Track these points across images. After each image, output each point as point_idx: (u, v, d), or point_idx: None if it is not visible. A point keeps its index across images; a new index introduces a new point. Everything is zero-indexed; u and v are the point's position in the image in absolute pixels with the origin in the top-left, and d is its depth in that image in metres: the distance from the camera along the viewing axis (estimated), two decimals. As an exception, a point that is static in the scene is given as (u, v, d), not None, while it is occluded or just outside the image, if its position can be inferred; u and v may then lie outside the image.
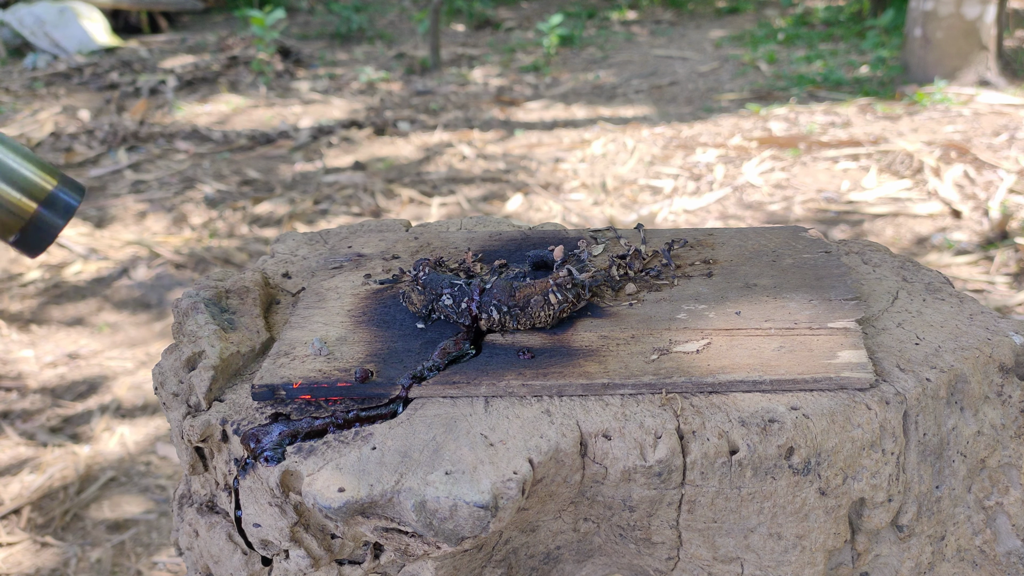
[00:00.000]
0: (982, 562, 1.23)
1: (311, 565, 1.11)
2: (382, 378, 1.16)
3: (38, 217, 1.03)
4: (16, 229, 1.03)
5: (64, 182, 1.05)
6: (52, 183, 1.04)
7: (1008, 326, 1.25)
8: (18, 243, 1.04)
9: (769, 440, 1.07)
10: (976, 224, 4.41)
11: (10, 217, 1.01)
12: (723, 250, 1.46)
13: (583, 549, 1.18)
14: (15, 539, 2.72)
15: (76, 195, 1.06)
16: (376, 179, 5.38)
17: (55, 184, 1.04)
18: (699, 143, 5.78)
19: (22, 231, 1.03)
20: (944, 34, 6.43)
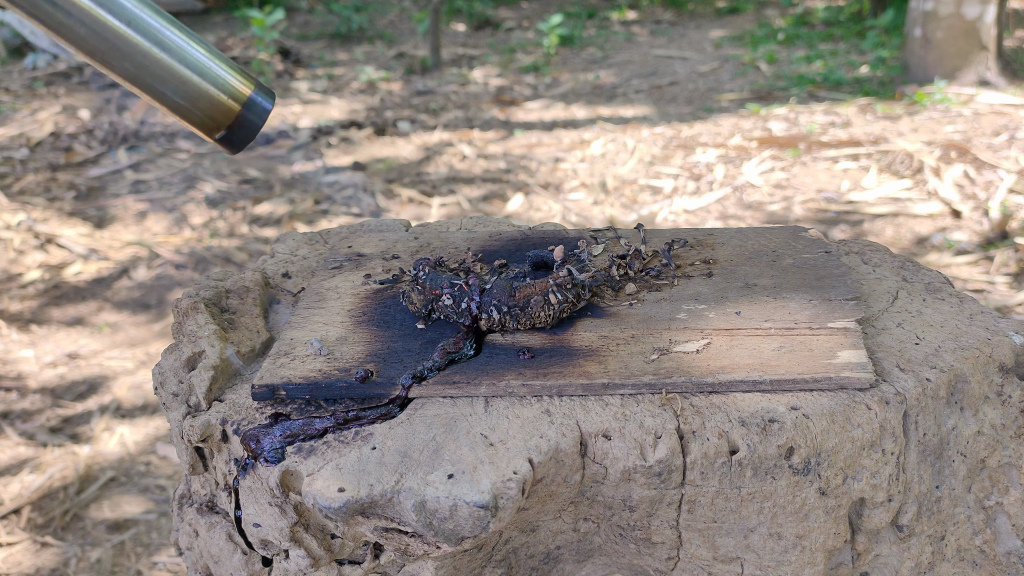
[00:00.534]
0: (982, 562, 1.23)
1: (311, 565, 1.11)
2: (382, 378, 1.16)
3: (241, 116, 1.16)
4: (224, 126, 1.16)
5: (259, 87, 1.19)
6: (250, 87, 1.17)
7: (1008, 326, 1.25)
8: (224, 139, 1.18)
9: (769, 440, 1.07)
10: (976, 224, 4.41)
11: (220, 115, 1.15)
12: (723, 250, 1.46)
13: (583, 549, 1.18)
14: (15, 539, 2.72)
15: (270, 99, 1.20)
16: (376, 179, 5.38)
17: (253, 88, 1.17)
18: (699, 143, 5.78)
19: (228, 128, 1.16)
20: (944, 34, 6.43)
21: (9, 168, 5.69)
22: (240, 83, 1.16)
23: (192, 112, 1.14)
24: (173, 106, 1.14)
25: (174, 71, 1.11)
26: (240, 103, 1.16)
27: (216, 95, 1.14)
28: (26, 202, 5.14)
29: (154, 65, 1.10)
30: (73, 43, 1.08)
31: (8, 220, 4.84)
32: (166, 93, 1.12)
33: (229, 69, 1.16)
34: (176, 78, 1.12)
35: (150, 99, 1.14)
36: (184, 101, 1.13)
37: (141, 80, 1.11)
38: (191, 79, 1.13)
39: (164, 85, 1.11)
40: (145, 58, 1.09)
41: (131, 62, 1.09)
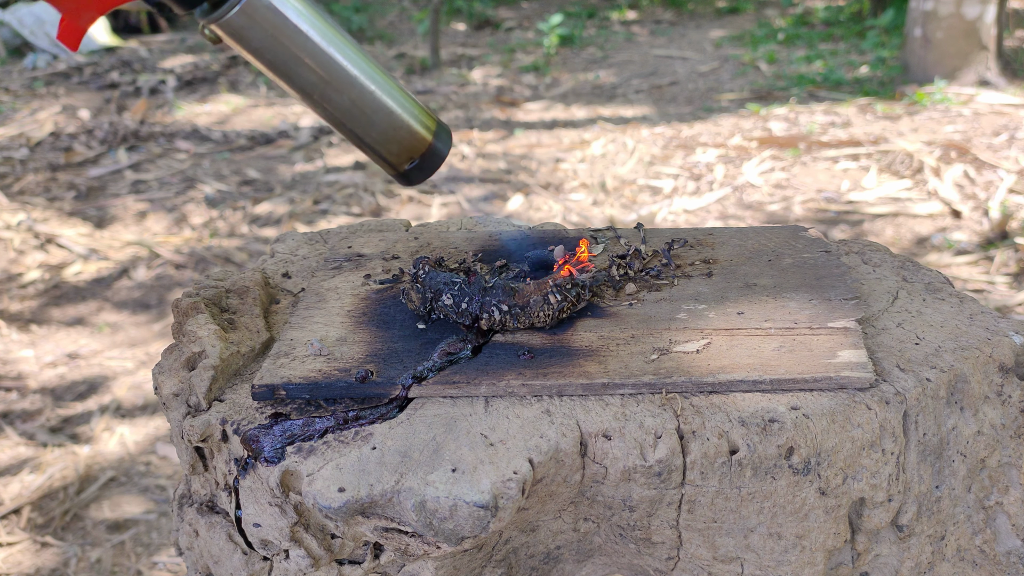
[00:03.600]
0: (982, 562, 1.23)
1: (311, 565, 1.11)
2: (382, 378, 1.16)
3: (433, 146, 1.24)
4: (417, 155, 1.23)
5: (439, 120, 1.26)
6: (434, 120, 1.26)
7: (1008, 326, 1.25)
8: (413, 169, 1.25)
9: (769, 440, 1.07)
10: (976, 224, 4.41)
11: (416, 144, 1.23)
12: (723, 250, 1.46)
13: (583, 549, 1.18)
14: (15, 539, 2.72)
15: (448, 131, 1.28)
16: (376, 179, 5.38)
17: (436, 121, 1.26)
18: (699, 143, 5.78)
19: (421, 157, 1.24)
20: (944, 34, 6.43)
21: (9, 168, 5.69)
22: (428, 116, 1.24)
23: (391, 144, 1.22)
24: (375, 139, 1.21)
25: (382, 105, 1.20)
26: (431, 133, 1.24)
27: (415, 127, 1.22)
28: (26, 202, 5.14)
29: (368, 100, 1.18)
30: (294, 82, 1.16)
31: (8, 220, 4.84)
32: (373, 126, 1.20)
33: (418, 103, 1.24)
34: (384, 112, 1.20)
35: (351, 134, 1.21)
36: (388, 133, 1.21)
37: (352, 115, 1.19)
38: (395, 112, 1.21)
39: (372, 119, 1.19)
40: (360, 94, 1.18)
41: (348, 97, 1.17)
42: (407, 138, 1.22)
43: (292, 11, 1.12)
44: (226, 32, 1.11)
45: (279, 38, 1.12)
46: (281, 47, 1.12)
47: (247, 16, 1.09)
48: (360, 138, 1.21)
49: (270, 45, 1.12)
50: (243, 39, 1.11)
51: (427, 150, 1.24)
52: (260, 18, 1.10)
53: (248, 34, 1.11)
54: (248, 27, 1.10)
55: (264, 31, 1.11)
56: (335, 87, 1.16)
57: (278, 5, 1.11)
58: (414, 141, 1.22)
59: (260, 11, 1.10)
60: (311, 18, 1.14)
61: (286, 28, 1.12)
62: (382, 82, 1.19)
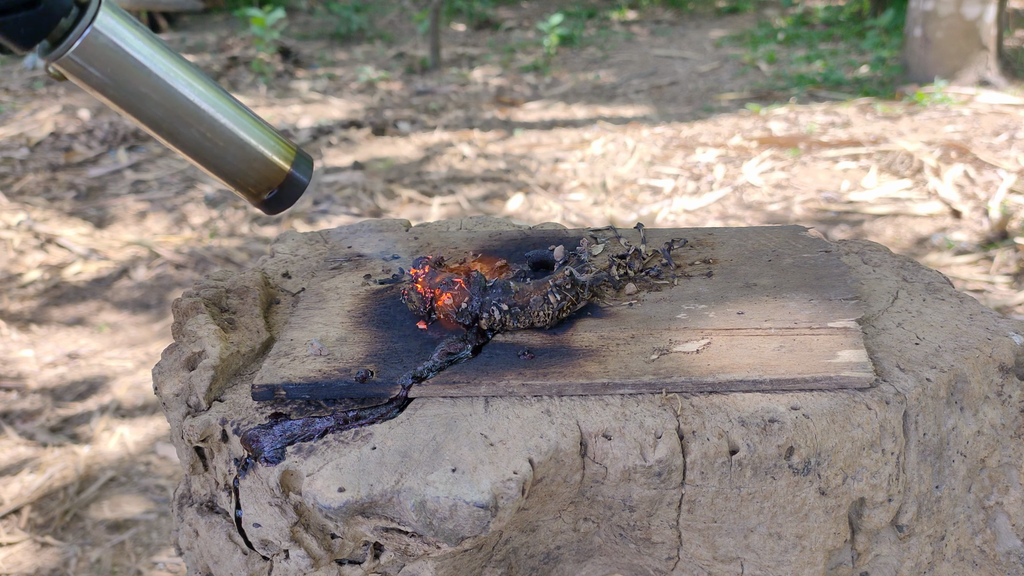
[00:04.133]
0: (982, 562, 1.23)
1: (311, 565, 1.11)
2: (382, 378, 1.16)
3: (291, 175, 1.25)
4: (275, 185, 1.24)
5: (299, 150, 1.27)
6: (294, 150, 1.26)
7: (1008, 326, 1.25)
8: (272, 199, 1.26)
9: (769, 440, 1.07)
10: (976, 224, 4.41)
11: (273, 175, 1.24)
12: (723, 250, 1.46)
13: (583, 549, 1.18)
14: (15, 539, 2.72)
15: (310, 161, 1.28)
16: (376, 179, 5.38)
17: (295, 151, 1.26)
18: (699, 143, 5.78)
19: (280, 187, 1.25)
20: (944, 34, 6.43)
21: (9, 168, 5.69)
22: (286, 145, 1.25)
23: (248, 174, 1.22)
24: (230, 170, 1.22)
25: (235, 137, 1.20)
26: (289, 163, 1.25)
27: (270, 157, 1.23)
28: (26, 202, 5.14)
29: (218, 132, 1.19)
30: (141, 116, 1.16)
31: (8, 220, 4.84)
32: (226, 158, 1.21)
33: (275, 133, 1.24)
34: (237, 143, 1.20)
35: (207, 166, 1.21)
36: (242, 164, 1.21)
37: (204, 147, 1.19)
38: (249, 143, 1.21)
39: (225, 150, 1.20)
40: (210, 126, 1.18)
41: (197, 130, 1.18)
42: (262, 169, 1.23)
43: (132, 47, 1.12)
44: (67, 70, 1.11)
45: (121, 74, 1.12)
46: (124, 83, 1.13)
47: (86, 54, 1.10)
48: (215, 169, 1.22)
49: (113, 81, 1.12)
50: (85, 76, 1.11)
51: (285, 180, 1.24)
52: (100, 55, 1.10)
53: (90, 71, 1.11)
54: (89, 64, 1.10)
55: (105, 68, 1.11)
56: (183, 121, 1.17)
57: (118, 42, 1.11)
58: (270, 171, 1.23)
59: (99, 48, 1.10)
60: (153, 53, 1.14)
61: (128, 64, 1.12)
62: (233, 114, 1.20)
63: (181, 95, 1.15)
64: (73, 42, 1.08)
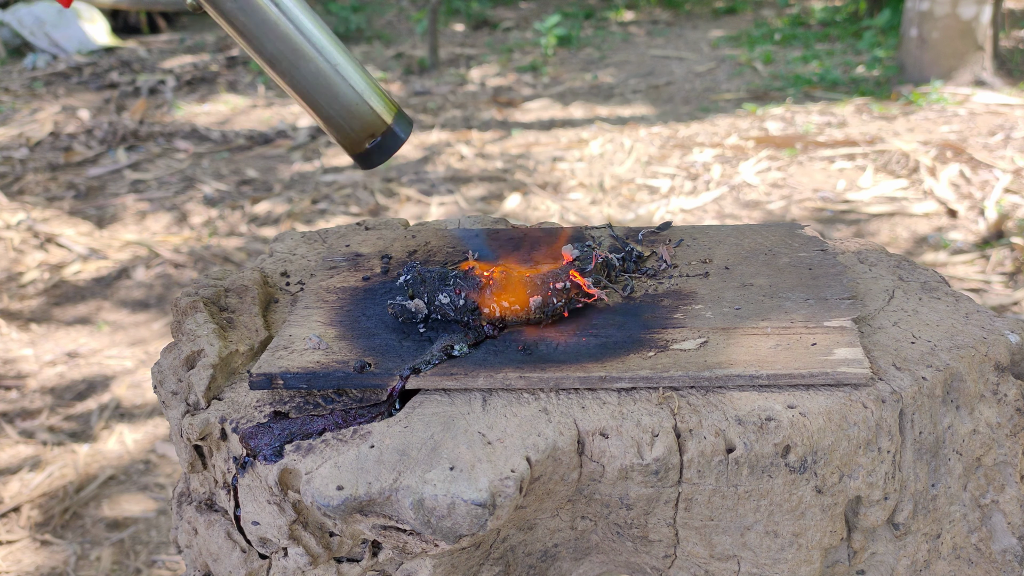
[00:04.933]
0: (978, 560, 1.24)
1: (309, 563, 1.11)
2: (380, 369, 1.16)
3: (390, 130, 1.27)
4: (375, 137, 1.26)
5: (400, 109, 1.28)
6: (395, 107, 1.27)
7: (1004, 325, 1.26)
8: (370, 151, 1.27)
9: (766, 438, 1.07)
10: (972, 223, 4.42)
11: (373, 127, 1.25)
12: (720, 249, 1.46)
13: (580, 547, 1.19)
14: (15, 537, 2.72)
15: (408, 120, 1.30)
16: (374, 178, 5.38)
17: (396, 108, 1.28)
18: (696, 143, 5.78)
19: (383, 136, 1.26)
20: (940, 34, 6.44)
21: (9, 168, 5.69)
22: (390, 101, 1.27)
23: (354, 119, 1.24)
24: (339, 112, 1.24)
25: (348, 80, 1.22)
26: (392, 116, 1.27)
27: (377, 106, 1.25)
28: (26, 202, 5.14)
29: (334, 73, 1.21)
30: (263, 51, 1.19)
31: (8, 220, 4.84)
32: (338, 99, 1.23)
33: (380, 89, 1.26)
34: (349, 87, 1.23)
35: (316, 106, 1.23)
36: (352, 108, 1.24)
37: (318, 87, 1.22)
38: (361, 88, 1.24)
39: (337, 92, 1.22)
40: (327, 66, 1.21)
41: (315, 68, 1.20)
42: (369, 115, 1.25)
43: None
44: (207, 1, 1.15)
45: (250, 6, 1.16)
46: (254, 15, 1.16)
47: None
48: (324, 110, 1.24)
49: (244, 11, 1.15)
50: (217, 4, 1.15)
51: (387, 131, 1.26)
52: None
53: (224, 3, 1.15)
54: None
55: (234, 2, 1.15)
56: (299, 58, 1.20)
57: None
58: (375, 120, 1.25)
59: None
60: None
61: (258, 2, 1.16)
62: (348, 60, 1.23)
63: (307, 32, 1.18)
64: None
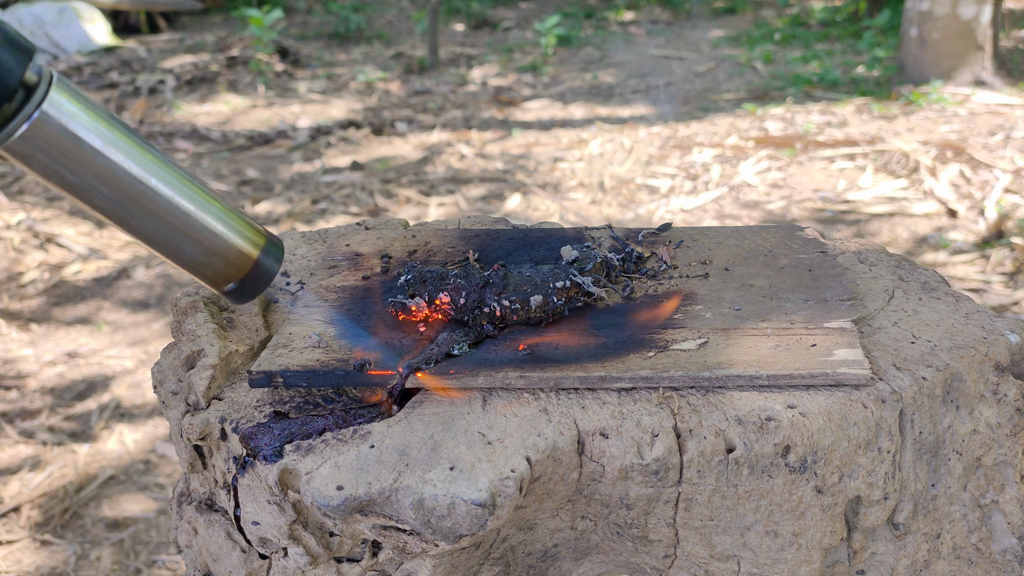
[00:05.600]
0: (978, 560, 1.24)
1: (309, 563, 1.11)
2: (380, 367, 1.16)
3: (259, 262, 1.10)
4: (242, 274, 1.10)
5: (269, 235, 1.13)
6: (263, 236, 1.11)
7: (1004, 325, 1.25)
8: (236, 289, 1.11)
9: (766, 438, 1.07)
10: (972, 223, 4.42)
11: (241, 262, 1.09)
12: (719, 250, 1.46)
13: (580, 547, 1.19)
14: (15, 537, 2.72)
15: (280, 247, 1.14)
16: (374, 179, 5.38)
17: (265, 237, 1.12)
18: (696, 143, 5.78)
19: (242, 280, 1.10)
20: (940, 34, 6.44)
21: (9, 168, 5.69)
22: (254, 231, 1.11)
23: (205, 267, 1.09)
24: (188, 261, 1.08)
25: (193, 228, 1.06)
26: (258, 249, 1.11)
27: (235, 247, 1.09)
28: (26, 202, 5.14)
29: (175, 224, 1.05)
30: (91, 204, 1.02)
31: (8, 220, 4.84)
32: (184, 249, 1.07)
33: (243, 219, 1.11)
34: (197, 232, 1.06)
35: (162, 254, 1.08)
36: (201, 256, 1.08)
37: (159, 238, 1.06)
38: (212, 231, 1.07)
39: (186, 238, 1.06)
40: (166, 218, 1.05)
41: (152, 222, 1.04)
42: (222, 262, 1.09)
43: (84, 133, 0.97)
44: (12, 155, 0.96)
45: (70, 162, 0.97)
46: (73, 171, 0.98)
47: (32, 140, 0.95)
48: (174, 260, 1.08)
49: (61, 169, 0.97)
50: (31, 163, 0.97)
51: (250, 272, 1.10)
52: (48, 141, 0.95)
53: (35, 158, 0.96)
54: (35, 151, 0.96)
55: (52, 155, 0.96)
56: (135, 213, 1.03)
57: (68, 126, 0.96)
58: (231, 264, 1.09)
59: (48, 134, 0.95)
60: (107, 135, 0.99)
61: (78, 150, 0.97)
62: (193, 200, 1.06)
63: (135, 184, 1.01)
64: (16, 128, 0.94)
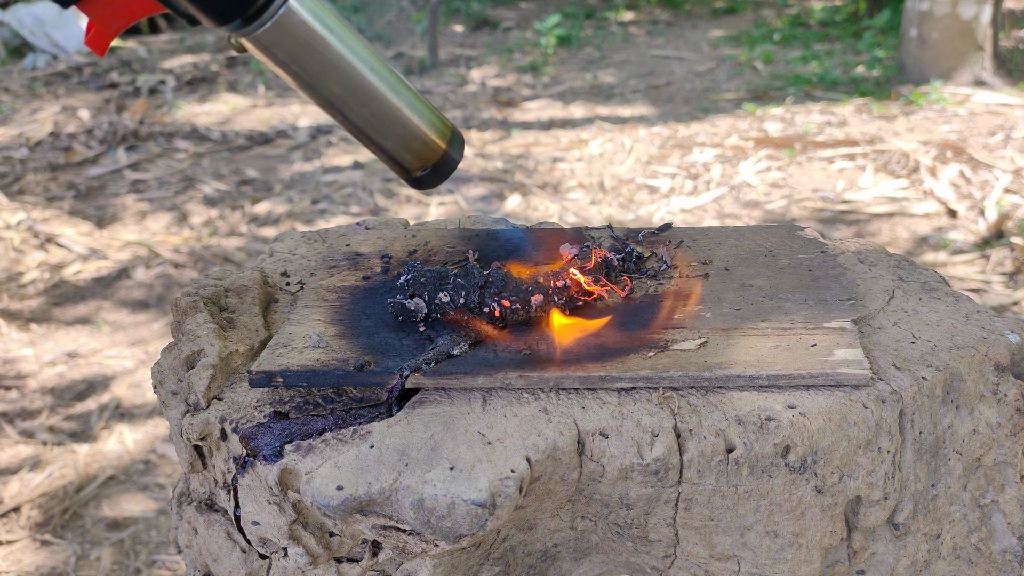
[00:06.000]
0: (977, 560, 1.24)
1: (309, 563, 1.11)
2: (380, 368, 1.16)
3: (445, 154, 1.25)
4: (430, 163, 1.25)
5: (454, 129, 1.27)
6: (450, 128, 1.26)
7: (1004, 325, 1.26)
8: (425, 176, 1.26)
9: (766, 438, 1.07)
10: (972, 223, 4.42)
11: (430, 153, 1.24)
12: (719, 250, 1.46)
13: (580, 547, 1.19)
14: (15, 537, 2.72)
15: (462, 140, 1.29)
16: (374, 178, 5.39)
17: (451, 129, 1.26)
18: (696, 143, 5.78)
19: (434, 165, 1.25)
20: (940, 34, 6.44)
21: (9, 168, 5.69)
22: (444, 124, 1.25)
23: (407, 152, 1.23)
24: (391, 148, 1.23)
25: (400, 118, 1.21)
26: (446, 141, 1.25)
27: (429, 137, 1.23)
28: (26, 202, 5.14)
29: (386, 113, 1.20)
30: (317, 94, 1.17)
31: (8, 220, 4.84)
32: (390, 137, 1.21)
33: (435, 112, 1.24)
34: (401, 124, 1.21)
35: (368, 143, 1.22)
36: (404, 143, 1.22)
37: (370, 126, 1.20)
38: (412, 124, 1.22)
39: (390, 130, 1.21)
40: (379, 107, 1.19)
41: (368, 110, 1.19)
42: (421, 147, 1.24)
43: (320, 25, 1.12)
44: (256, 46, 1.11)
45: (305, 54, 1.12)
46: (307, 62, 1.13)
47: (276, 32, 1.10)
48: (377, 146, 1.23)
49: (296, 60, 1.13)
50: (271, 53, 1.12)
51: (440, 158, 1.25)
52: (288, 34, 1.11)
53: (276, 49, 1.11)
54: (277, 43, 1.11)
55: (291, 47, 1.11)
56: (357, 99, 1.18)
57: (308, 21, 1.11)
58: (428, 150, 1.24)
59: (292, 26, 1.10)
60: (338, 31, 1.14)
61: (314, 42, 1.12)
62: (402, 92, 1.21)
63: (358, 76, 1.16)
64: (266, 20, 1.09)
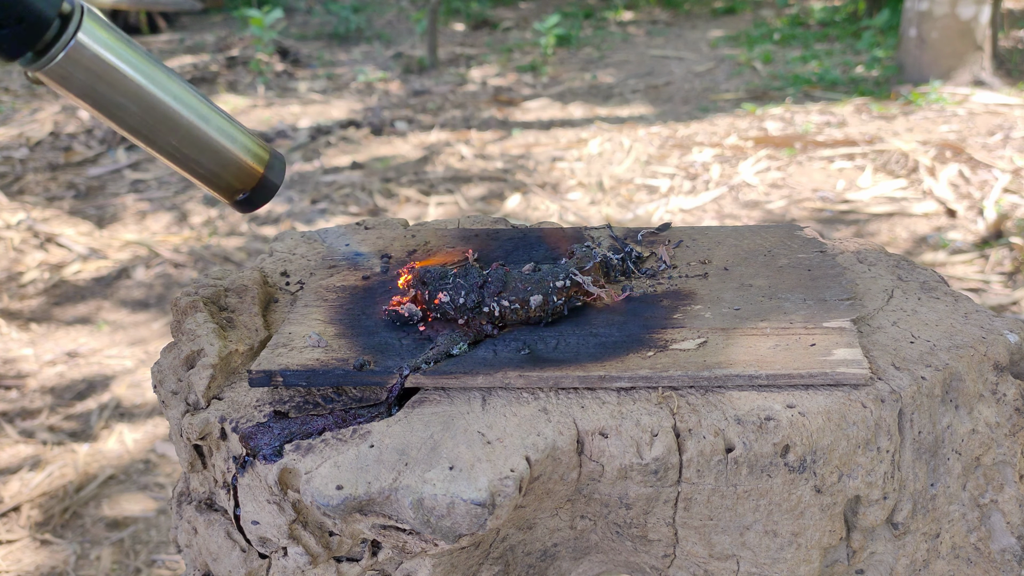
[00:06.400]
0: (977, 559, 1.24)
1: (309, 562, 1.11)
2: (379, 367, 1.17)
3: (263, 178, 1.27)
4: (248, 188, 1.26)
5: (273, 152, 1.29)
6: (268, 152, 1.28)
7: (1003, 324, 1.26)
8: (244, 200, 1.28)
9: (765, 438, 1.07)
10: (971, 223, 4.42)
11: (246, 178, 1.26)
12: (719, 250, 1.46)
13: (580, 546, 1.19)
14: (15, 537, 2.72)
15: (283, 162, 1.31)
16: (374, 178, 5.39)
17: (269, 153, 1.28)
18: (695, 143, 5.78)
19: (252, 190, 1.27)
20: (939, 34, 6.44)
21: (9, 168, 5.69)
22: (261, 147, 1.27)
23: (221, 178, 1.25)
24: (205, 174, 1.24)
25: (210, 143, 1.22)
26: (263, 165, 1.27)
27: (244, 161, 1.25)
28: (26, 202, 5.14)
29: (194, 139, 1.21)
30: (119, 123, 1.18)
31: (8, 220, 4.84)
32: (201, 163, 1.23)
33: (251, 137, 1.26)
34: (212, 149, 1.23)
35: (182, 169, 1.23)
36: (217, 169, 1.24)
37: (180, 153, 1.22)
38: (224, 148, 1.24)
39: (200, 156, 1.22)
40: (186, 133, 1.20)
41: (174, 137, 1.20)
42: (237, 172, 1.25)
43: (113, 58, 1.13)
44: (49, 79, 1.13)
45: (101, 84, 1.14)
46: (104, 92, 1.14)
47: (68, 65, 1.11)
48: (191, 172, 1.24)
49: (93, 91, 1.14)
50: (66, 85, 1.13)
51: (258, 182, 1.27)
52: (81, 66, 1.12)
53: (71, 81, 1.13)
54: (70, 75, 1.12)
55: (86, 78, 1.13)
56: (162, 128, 1.19)
57: (100, 52, 1.12)
58: (244, 174, 1.26)
59: (81, 60, 1.11)
60: (135, 62, 1.15)
61: (108, 74, 1.14)
62: (211, 119, 1.22)
63: (159, 104, 1.17)
64: (56, 55, 1.10)
